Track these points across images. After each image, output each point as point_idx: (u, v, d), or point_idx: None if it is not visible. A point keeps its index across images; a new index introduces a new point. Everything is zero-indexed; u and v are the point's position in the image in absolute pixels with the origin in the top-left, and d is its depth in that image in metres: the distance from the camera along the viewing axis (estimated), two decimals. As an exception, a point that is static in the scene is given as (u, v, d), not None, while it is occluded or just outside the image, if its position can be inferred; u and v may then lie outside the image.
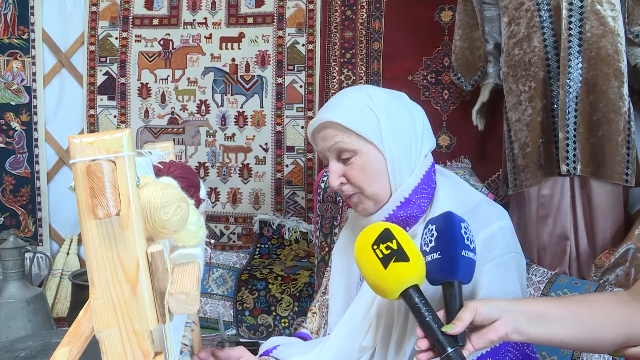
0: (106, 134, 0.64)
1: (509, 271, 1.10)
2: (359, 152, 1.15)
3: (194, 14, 3.07)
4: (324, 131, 1.18)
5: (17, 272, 2.45)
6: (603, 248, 2.10)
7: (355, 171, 1.15)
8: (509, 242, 1.12)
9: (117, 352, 0.66)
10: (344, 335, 1.21)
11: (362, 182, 1.16)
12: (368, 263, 0.97)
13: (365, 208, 1.18)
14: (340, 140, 1.15)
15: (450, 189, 1.21)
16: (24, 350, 1.46)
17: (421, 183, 1.17)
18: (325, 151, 1.19)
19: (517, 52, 2.16)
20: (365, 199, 1.17)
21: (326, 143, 1.17)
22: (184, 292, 0.68)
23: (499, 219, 1.14)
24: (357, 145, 1.14)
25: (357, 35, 2.87)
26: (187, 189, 0.90)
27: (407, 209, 1.16)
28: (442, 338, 0.89)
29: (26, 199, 3.15)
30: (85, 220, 0.64)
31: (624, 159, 2.04)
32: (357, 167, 1.15)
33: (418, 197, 1.16)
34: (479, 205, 1.17)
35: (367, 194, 1.17)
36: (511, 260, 1.11)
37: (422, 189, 1.17)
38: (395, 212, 1.16)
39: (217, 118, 3.05)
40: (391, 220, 1.16)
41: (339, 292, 1.31)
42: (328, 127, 1.17)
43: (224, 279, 2.78)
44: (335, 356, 1.21)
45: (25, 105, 3.11)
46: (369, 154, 1.15)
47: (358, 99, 1.17)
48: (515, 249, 1.14)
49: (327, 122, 1.16)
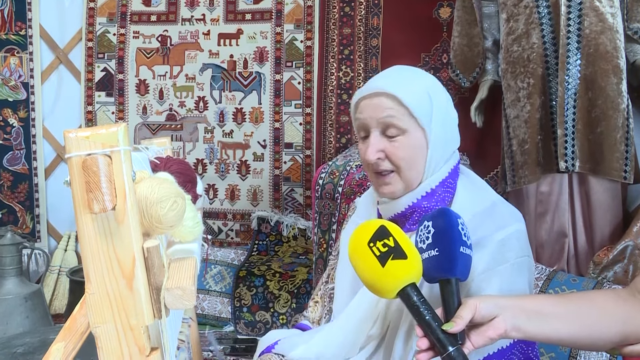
0: (102, 129, 0.63)
1: (521, 274, 1.09)
2: (408, 132, 1.13)
3: (192, 10, 3.06)
4: (377, 99, 1.14)
5: (15, 269, 2.45)
6: (601, 245, 2.10)
7: (398, 150, 1.13)
8: (523, 246, 1.12)
9: (113, 348, 0.66)
10: (351, 323, 1.20)
11: (403, 162, 1.13)
12: (364, 262, 0.95)
13: (394, 190, 1.16)
14: (394, 115, 1.12)
15: (469, 187, 1.20)
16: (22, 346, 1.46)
17: (448, 177, 1.17)
18: (369, 120, 1.15)
19: (516, 49, 2.16)
20: (398, 181, 1.15)
21: (376, 113, 1.14)
22: (180, 288, 0.67)
23: (515, 222, 1.14)
24: (407, 125, 1.12)
25: (355, 32, 2.86)
26: (183, 185, 0.89)
27: (432, 200, 1.15)
28: (442, 337, 0.88)
29: (24, 196, 3.14)
30: (81, 214, 0.63)
31: (623, 155, 2.04)
32: (401, 146, 1.13)
33: (443, 190, 1.16)
34: (495, 205, 1.17)
35: (402, 176, 1.15)
36: (524, 263, 1.11)
37: (448, 183, 1.17)
38: (420, 200, 1.15)
39: (215, 114, 3.05)
40: (414, 208, 1.15)
41: (346, 280, 1.29)
42: (383, 97, 1.13)
43: (222, 275, 2.78)
44: (341, 344, 1.20)
45: (23, 102, 3.11)
46: (416, 136, 1.13)
47: (420, 80, 1.17)
48: (528, 253, 1.14)
49: (386, 92, 1.13)
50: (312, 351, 1.22)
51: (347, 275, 1.29)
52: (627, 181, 2.07)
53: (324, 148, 2.92)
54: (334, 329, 1.23)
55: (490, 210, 1.14)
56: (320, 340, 1.23)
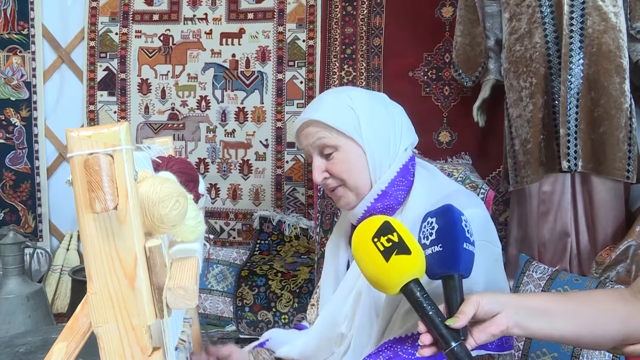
0: (104, 128, 0.63)
1: (476, 259, 1.09)
2: (340, 147, 1.21)
3: (194, 9, 3.06)
4: (307, 129, 1.24)
5: (17, 268, 2.45)
6: (604, 245, 2.10)
7: (336, 165, 1.22)
8: (480, 230, 1.12)
9: (115, 348, 0.66)
10: (325, 323, 1.28)
11: (344, 175, 1.21)
12: (368, 257, 0.95)
13: (348, 201, 1.24)
14: (322, 137, 1.21)
15: (426, 179, 1.26)
16: (24, 345, 1.46)
17: (398, 176, 1.22)
18: (309, 147, 1.25)
19: (518, 48, 2.15)
20: (347, 192, 1.23)
21: (309, 140, 1.24)
22: (183, 287, 0.67)
23: (472, 207, 1.16)
24: (338, 141, 1.21)
25: (357, 31, 2.86)
26: (186, 184, 0.89)
27: (385, 200, 1.21)
28: (445, 332, 0.88)
29: (26, 195, 3.14)
30: (83, 214, 0.63)
31: (625, 155, 2.03)
32: (338, 162, 1.21)
33: (395, 189, 1.22)
34: (453, 193, 1.22)
35: (349, 186, 1.22)
36: (479, 248, 1.10)
37: (399, 182, 1.23)
38: (373, 204, 1.22)
39: (218, 114, 3.05)
40: (370, 212, 1.21)
41: (329, 283, 1.36)
42: (311, 125, 1.23)
43: (224, 275, 2.78)
44: (317, 345, 1.29)
45: (25, 101, 3.11)
46: (349, 149, 1.21)
47: (338, 99, 1.24)
48: (487, 238, 1.14)
49: (310, 120, 1.23)
50: (295, 351, 1.33)
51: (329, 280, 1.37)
52: (629, 181, 2.06)
53: (326, 147, 2.92)
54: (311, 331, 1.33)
55: (448, 198, 1.16)
56: (302, 340, 1.33)
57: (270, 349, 1.38)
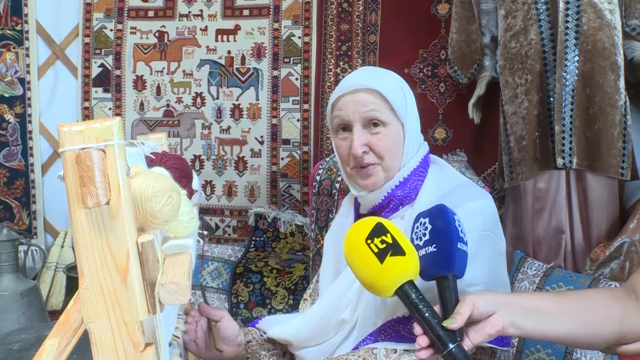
0: (96, 122, 0.63)
1: (480, 249, 1.08)
2: (389, 124, 1.19)
3: (190, 5, 3.05)
4: (358, 94, 1.18)
5: (11, 265, 2.45)
6: (598, 242, 2.10)
7: (382, 141, 1.18)
8: (487, 221, 1.13)
9: (107, 343, 0.66)
10: (324, 309, 1.25)
11: (386, 152, 1.19)
12: (361, 259, 0.94)
13: (376, 181, 1.20)
14: (376, 109, 1.17)
15: (438, 172, 1.26)
16: (18, 343, 1.45)
17: (419, 166, 1.22)
18: (352, 116, 1.19)
19: (514, 45, 2.15)
20: (380, 172, 1.20)
21: (358, 107, 1.18)
22: (175, 283, 0.67)
23: (481, 198, 1.16)
24: (389, 118, 1.18)
25: (353, 28, 2.86)
26: (179, 180, 0.89)
27: (405, 189, 1.20)
28: (442, 334, 0.87)
29: (20, 192, 3.13)
30: (75, 209, 0.63)
31: (620, 152, 2.04)
32: (384, 138, 1.18)
33: (415, 178, 1.21)
34: (462, 185, 1.22)
35: (385, 166, 1.20)
36: (485, 239, 1.10)
37: (419, 172, 1.22)
38: (394, 190, 1.20)
39: (213, 110, 3.04)
40: (390, 198, 1.20)
41: (329, 277, 1.34)
42: (365, 93, 1.18)
43: (219, 272, 2.77)
44: (313, 328, 1.25)
45: (19, 97, 3.09)
46: (396, 128, 1.20)
47: (393, 77, 1.24)
48: (492, 230, 1.15)
49: (367, 87, 1.18)
50: (289, 332, 1.29)
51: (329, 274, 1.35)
52: (624, 178, 2.07)
53: (321, 144, 2.91)
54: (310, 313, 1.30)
55: (457, 189, 1.18)
56: (297, 322, 1.30)
57: (261, 329, 1.36)
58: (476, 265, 1.04)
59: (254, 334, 1.35)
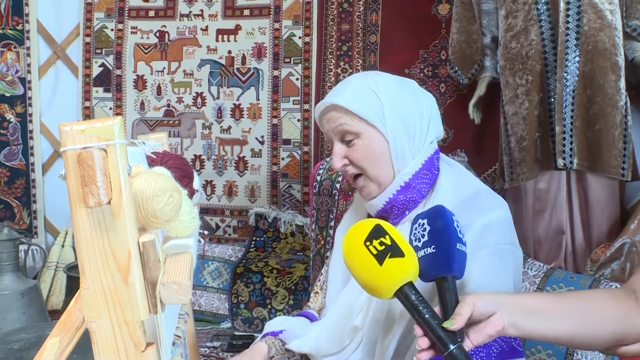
0: (98, 122, 0.63)
1: (503, 262, 1.09)
2: (362, 134, 1.17)
3: (190, 5, 3.05)
4: (329, 114, 1.21)
5: (12, 264, 2.45)
6: (599, 242, 2.10)
7: (356, 152, 1.18)
8: (505, 233, 1.12)
9: (108, 343, 0.65)
10: (337, 315, 1.25)
11: (364, 163, 1.18)
12: (360, 261, 0.94)
13: (370, 192, 1.20)
14: (344, 123, 1.17)
15: (453, 176, 1.22)
16: (18, 342, 1.45)
17: (422, 168, 1.19)
18: (330, 132, 1.22)
19: (514, 46, 2.15)
20: (369, 182, 1.20)
21: (330, 125, 1.20)
22: (176, 282, 0.67)
23: (498, 208, 1.14)
24: (359, 128, 1.17)
25: (354, 28, 2.86)
26: (180, 180, 0.88)
27: (407, 193, 1.18)
28: (443, 335, 0.86)
29: (21, 191, 3.13)
30: (76, 208, 0.63)
31: (621, 153, 2.04)
32: (358, 149, 1.18)
33: (418, 182, 1.18)
34: (479, 193, 1.18)
35: (370, 176, 1.19)
36: (506, 251, 1.10)
37: (423, 174, 1.19)
38: (395, 195, 1.18)
39: (213, 110, 3.04)
40: (391, 203, 1.18)
41: (338, 273, 1.33)
42: (333, 110, 1.19)
43: (220, 272, 2.77)
44: (329, 337, 1.25)
45: (20, 97, 3.10)
46: (371, 136, 1.17)
47: (363, 83, 1.20)
48: (511, 242, 1.14)
49: (332, 105, 1.19)
50: (307, 345, 1.29)
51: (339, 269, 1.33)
52: (624, 178, 2.07)
53: (321, 144, 2.91)
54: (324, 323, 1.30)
55: (474, 198, 1.15)
56: (314, 332, 1.29)
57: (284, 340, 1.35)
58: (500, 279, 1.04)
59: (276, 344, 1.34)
